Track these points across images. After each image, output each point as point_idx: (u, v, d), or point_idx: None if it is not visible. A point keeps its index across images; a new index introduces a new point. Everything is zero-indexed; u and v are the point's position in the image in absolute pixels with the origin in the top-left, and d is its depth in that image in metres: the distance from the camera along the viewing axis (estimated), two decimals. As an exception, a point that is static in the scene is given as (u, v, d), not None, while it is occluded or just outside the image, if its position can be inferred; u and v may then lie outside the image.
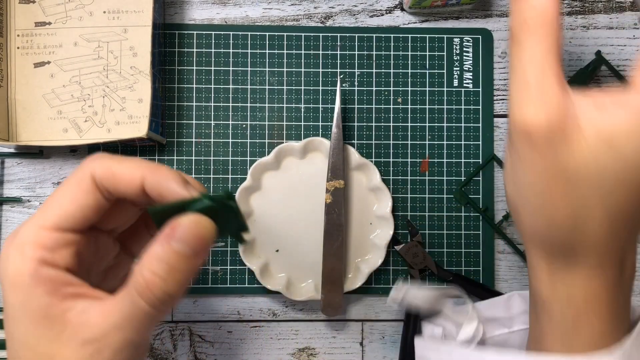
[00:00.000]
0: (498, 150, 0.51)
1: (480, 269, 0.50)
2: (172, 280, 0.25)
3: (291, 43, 0.51)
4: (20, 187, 0.50)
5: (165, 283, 0.25)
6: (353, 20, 0.52)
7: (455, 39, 0.51)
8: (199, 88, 0.50)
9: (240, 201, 0.48)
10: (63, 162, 0.50)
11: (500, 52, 0.52)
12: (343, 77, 0.51)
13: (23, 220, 0.50)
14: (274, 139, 0.50)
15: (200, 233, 0.26)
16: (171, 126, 0.50)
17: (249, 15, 0.51)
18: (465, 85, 0.51)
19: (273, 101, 0.51)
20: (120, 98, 0.47)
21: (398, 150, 0.51)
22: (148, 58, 0.47)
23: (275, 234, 0.49)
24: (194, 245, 0.25)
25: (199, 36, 0.51)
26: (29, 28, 0.48)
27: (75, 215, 0.27)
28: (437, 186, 0.51)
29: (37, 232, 0.26)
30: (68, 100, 0.47)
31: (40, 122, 0.47)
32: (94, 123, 0.47)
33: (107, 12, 0.47)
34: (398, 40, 0.51)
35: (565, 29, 0.52)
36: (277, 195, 0.49)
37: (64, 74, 0.47)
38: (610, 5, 0.52)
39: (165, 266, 0.25)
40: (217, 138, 0.50)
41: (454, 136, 0.51)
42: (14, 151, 0.50)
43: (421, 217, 0.50)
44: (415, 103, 0.51)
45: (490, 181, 0.51)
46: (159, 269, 0.25)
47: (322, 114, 0.51)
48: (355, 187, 0.49)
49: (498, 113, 0.52)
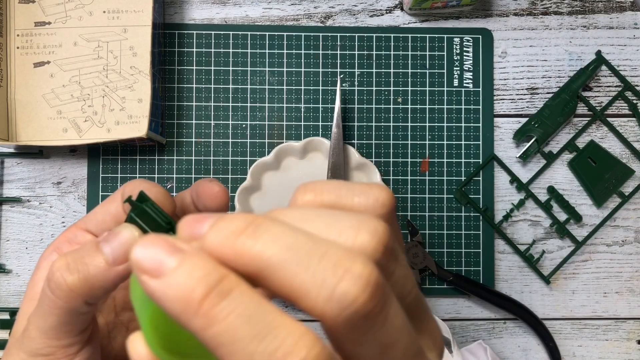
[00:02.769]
0: (498, 150, 0.51)
1: (480, 269, 0.50)
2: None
3: (291, 43, 0.51)
4: (20, 187, 0.50)
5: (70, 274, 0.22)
6: (353, 20, 0.52)
7: (455, 39, 0.51)
8: (199, 88, 0.50)
9: (240, 201, 0.48)
10: (63, 162, 0.50)
11: (500, 52, 0.52)
12: (343, 77, 0.51)
13: (23, 220, 0.50)
14: (274, 139, 0.50)
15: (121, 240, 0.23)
16: (171, 126, 0.50)
17: (249, 15, 0.51)
18: (465, 85, 0.51)
19: (273, 101, 0.50)
20: (120, 98, 0.47)
21: (398, 150, 0.51)
22: (148, 58, 0.46)
23: (275, 234, 0.49)
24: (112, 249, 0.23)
25: (199, 36, 0.51)
26: (29, 28, 0.48)
27: None
28: (437, 186, 0.51)
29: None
30: (68, 100, 0.47)
31: (40, 122, 0.47)
32: (93, 123, 0.47)
33: (107, 12, 0.47)
34: (398, 40, 0.51)
35: (565, 29, 0.52)
36: (277, 195, 0.49)
37: (64, 73, 0.47)
38: (610, 5, 0.52)
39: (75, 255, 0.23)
40: (217, 138, 0.50)
41: (454, 136, 0.51)
42: (13, 151, 0.50)
43: (421, 217, 0.50)
44: (415, 103, 0.51)
45: (490, 181, 0.51)
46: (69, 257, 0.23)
47: (322, 114, 0.50)
48: (355, 187, 0.49)
49: (498, 113, 0.52)
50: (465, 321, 0.51)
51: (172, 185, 0.50)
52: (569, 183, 0.52)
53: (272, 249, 0.16)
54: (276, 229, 0.16)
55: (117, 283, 0.22)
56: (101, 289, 0.22)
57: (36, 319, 0.23)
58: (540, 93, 0.52)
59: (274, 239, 0.16)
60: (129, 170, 0.50)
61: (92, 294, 0.22)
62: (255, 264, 0.16)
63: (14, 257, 0.49)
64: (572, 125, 0.52)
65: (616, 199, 0.51)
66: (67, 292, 0.22)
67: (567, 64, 0.52)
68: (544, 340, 0.50)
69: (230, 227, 0.16)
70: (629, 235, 0.51)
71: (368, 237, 0.16)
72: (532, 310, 0.50)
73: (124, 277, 0.22)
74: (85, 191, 0.50)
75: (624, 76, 0.52)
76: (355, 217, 0.17)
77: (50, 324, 0.23)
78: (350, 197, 0.19)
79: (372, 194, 0.19)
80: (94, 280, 0.22)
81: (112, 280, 0.22)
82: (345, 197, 0.19)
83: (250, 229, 0.16)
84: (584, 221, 0.51)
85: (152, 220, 0.22)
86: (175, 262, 0.16)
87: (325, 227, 0.17)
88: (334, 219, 0.17)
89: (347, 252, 0.16)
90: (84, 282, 0.22)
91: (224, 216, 0.17)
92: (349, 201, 0.18)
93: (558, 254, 0.51)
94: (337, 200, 0.19)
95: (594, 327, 0.51)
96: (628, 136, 0.52)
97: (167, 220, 0.22)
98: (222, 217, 0.17)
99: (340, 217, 0.17)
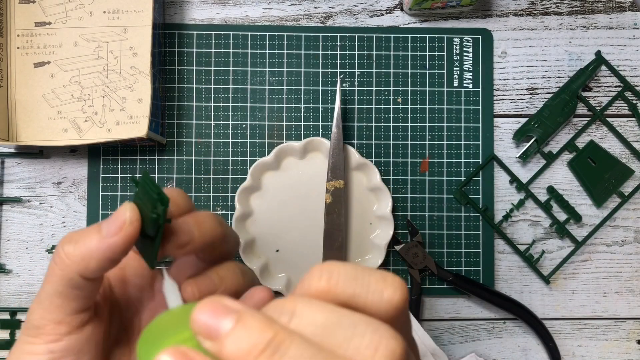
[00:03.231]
0: (498, 150, 0.51)
1: (480, 269, 0.50)
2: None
3: (291, 43, 0.51)
4: (20, 187, 0.50)
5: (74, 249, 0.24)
6: (353, 20, 0.52)
7: (455, 39, 0.51)
8: (199, 88, 0.50)
9: (240, 201, 0.48)
10: (63, 162, 0.50)
11: (500, 52, 0.52)
12: (343, 77, 0.51)
13: (23, 220, 0.50)
14: (274, 139, 0.50)
15: (119, 214, 0.24)
16: (171, 126, 0.50)
17: (249, 15, 0.51)
18: (465, 85, 0.51)
19: (273, 101, 0.51)
20: (120, 98, 0.47)
21: (398, 150, 0.51)
22: (148, 58, 0.47)
23: (275, 234, 0.49)
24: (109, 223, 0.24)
25: (199, 36, 0.51)
26: (29, 28, 0.48)
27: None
28: (437, 186, 0.51)
29: None
30: (68, 100, 0.47)
31: (40, 122, 0.47)
32: (94, 123, 0.47)
33: (107, 12, 0.47)
34: (398, 40, 0.51)
35: (565, 29, 0.52)
36: (277, 195, 0.49)
37: (64, 74, 0.47)
38: (610, 5, 0.52)
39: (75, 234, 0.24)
40: (217, 138, 0.50)
41: (454, 136, 0.51)
42: (14, 151, 0.50)
43: (421, 217, 0.50)
44: (415, 103, 0.51)
45: (490, 181, 0.51)
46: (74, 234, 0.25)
47: (322, 114, 0.51)
48: (355, 187, 0.49)
49: (498, 113, 0.52)
50: (465, 321, 0.51)
51: (172, 185, 0.50)
52: (569, 183, 0.52)
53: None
54: (296, 352, 0.17)
55: (109, 257, 0.24)
56: (93, 260, 0.24)
57: (39, 291, 0.25)
58: (540, 93, 0.52)
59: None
60: (129, 170, 0.50)
61: (86, 265, 0.24)
62: None
63: (14, 257, 0.49)
64: (571, 125, 0.52)
65: (616, 199, 0.52)
66: (63, 259, 0.24)
67: (567, 64, 0.52)
68: (544, 340, 0.50)
69: (250, 339, 0.17)
70: (629, 235, 0.51)
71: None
72: (532, 310, 0.50)
73: (114, 252, 0.24)
74: (86, 191, 0.50)
75: (623, 76, 0.52)
76: (374, 332, 0.18)
77: (47, 291, 0.24)
78: (365, 295, 0.19)
79: (386, 295, 0.19)
80: (86, 249, 0.23)
81: (104, 251, 0.23)
82: (360, 296, 0.19)
83: (271, 348, 0.17)
84: (584, 221, 0.51)
85: (147, 193, 0.23)
86: None
87: (344, 342, 0.17)
88: (353, 331, 0.18)
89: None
90: (78, 251, 0.24)
91: (243, 317, 0.18)
92: (362, 300, 0.19)
93: (558, 254, 0.51)
94: (351, 297, 0.19)
95: (593, 327, 0.51)
96: (628, 136, 0.52)
97: (157, 191, 0.23)
98: (241, 319, 0.17)
99: (359, 330, 0.18)
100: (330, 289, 0.19)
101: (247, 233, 0.49)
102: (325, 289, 0.19)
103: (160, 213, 0.23)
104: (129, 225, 0.23)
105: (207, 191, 0.50)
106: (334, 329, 0.18)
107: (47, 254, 0.49)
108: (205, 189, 0.50)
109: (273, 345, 0.17)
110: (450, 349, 0.50)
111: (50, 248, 0.49)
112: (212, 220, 0.26)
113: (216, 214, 0.28)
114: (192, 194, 0.50)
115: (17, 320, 0.49)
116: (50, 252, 0.49)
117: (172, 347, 0.18)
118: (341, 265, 0.20)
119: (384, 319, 0.19)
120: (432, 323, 0.51)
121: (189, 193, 0.50)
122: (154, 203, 0.23)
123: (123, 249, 0.24)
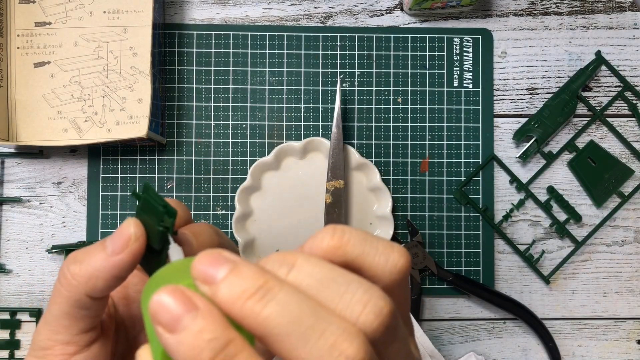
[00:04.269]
0: (498, 150, 0.51)
1: (480, 269, 0.50)
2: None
3: (291, 43, 0.51)
4: (20, 187, 0.50)
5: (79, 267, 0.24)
6: (353, 20, 0.52)
7: (455, 39, 0.51)
8: (199, 88, 0.50)
9: (240, 201, 0.48)
10: (63, 162, 0.50)
11: (500, 52, 0.52)
12: (343, 77, 0.51)
13: (23, 220, 0.50)
14: (274, 139, 0.50)
15: (122, 230, 0.24)
16: (171, 126, 0.50)
17: (249, 15, 0.51)
18: (465, 85, 0.51)
19: (273, 101, 0.51)
20: (120, 98, 0.47)
21: (398, 150, 0.51)
22: (148, 58, 0.47)
23: (275, 234, 0.49)
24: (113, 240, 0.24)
25: (199, 36, 0.51)
26: (29, 28, 0.48)
27: None
28: (437, 186, 0.51)
29: None
30: (68, 100, 0.47)
31: (40, 122, 0.47)
32: (94, 123, 0.47)
33: (107, 12, 0.47)
34: (398, 41, 0.51)
35: (565, 29, 0.52)
36: (277, 195, 0.49)
37: (64, 74, 0.47)
38: (610, 5, 0.52)
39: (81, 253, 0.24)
40: (217, 138, 0.50)
41: (454, 136, 0.51)
42: (14, 151, 0.50)
43: (421, 217, 0.50)
44: (415, 103, 0.51)
45: (490, 181, 0.51)
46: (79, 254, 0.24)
47: (322, 114, 0.51)
48: (355, 187, 0.49)
49: (498, 113, 0.52)
50: (465, 321, 0.51)
51: (172, 185, 0.50)
52: (569, 183, 0.52)
53: (276, 320, 0.17)
54: (284, 298, 0.18)
55: (116, 275, 0.23)
56: (100, 279, 0.23)
57: (45, 312, 0.25)
58: (540, 93, 0.52)
59: (280, 309, 0.17)
60: (129, 170, 0.50)
61: (93, 285, 0.23)
62: (259, 329, 0.18)
63: (14, 257, 0.49)
64: (571, 125, 0.52)
65: (616, 199, 0.52)
66: (69, 280, 0.23)
67: (567, 64, 0.52)
68: (544, 340, 0.50)
69: (242, 285, 0.18)
70: (629, 235, 0.51)
71: (372, 317, 0.18)
72: (531, 310, 0.50)
73: (121, 269, 0.23)
74: (86, 191, 0.50)
75: (623, 76, 0.52)
76: (366, 291, 0.18)
77: (53, 313, 0.24)
78: (373, 255, 0.20)
79: (391, 258, 0.20)
80: (93, 269, 0.23)
81: (110, 269, 0.23)
82: (368, 255, 0.20)
83: (260, 293, 0.18)
84: (584, 221, 0.51)
85: (152, 206, 0.23)
86: (188, 321, 0.18)
87: (336, 297, 0.18)
88: (346, 288, 0.19)
89: (346, 332, 0.17)
90: (84, 271, 0.23)
91: (238, 266, 0.19)
92: (369, 259, 0.20)
93: (558, 254, 0.51)
94: (359, 255, 0.20)
95: (593, 327, 0.51)
96: (628, 136, 0.52)
97: (163, 204, 0.22)
98: (236, 268, 0.18)
99: (352, 287, 0.18)
100: (341, 246, 0.20)
101: (247, 233, 0.49)
102: (337, 244, 0.20)
103: (168, 225, 0.22)
104: (134, 242, 0.23)
105: (207, 191, 0.50)
106: (328, 284, 0.19)
107: (47, 254, 0.49)
108: (205, 189, 0.50)
109: (262, 290, 0.18)
110: (450, 349, 0.50)
111: (50, 248, 0.49)
112: (210, 231, 0.26)
113: (212, 225, 0.28)
114: (192, 194, 0.50)
115: (17, 320, 0.49)
116: (51, 252, 0.49)
117: (171, 285, 0.19)
118: (353, 228, 0.21)
119: (386, 282, 0.20)
120: (432, 323, 0.51)
121: (189, 193, 0.50)
122: (159, 216, 0.22)
123: (130, 266, 0.23)
